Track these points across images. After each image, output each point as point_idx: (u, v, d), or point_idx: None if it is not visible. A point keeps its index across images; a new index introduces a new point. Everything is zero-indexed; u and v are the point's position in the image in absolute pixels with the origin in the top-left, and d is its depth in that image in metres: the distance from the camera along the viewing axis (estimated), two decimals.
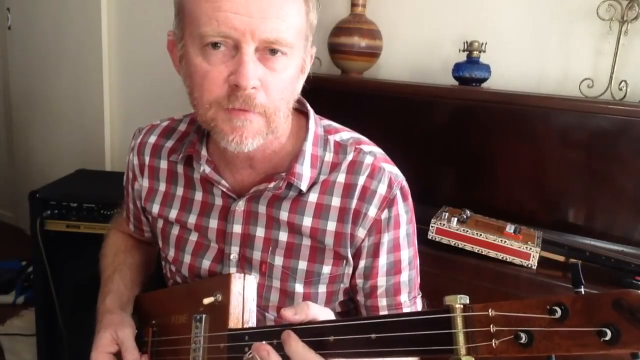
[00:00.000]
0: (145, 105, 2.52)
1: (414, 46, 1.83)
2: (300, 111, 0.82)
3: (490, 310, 0.44)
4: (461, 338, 0.45)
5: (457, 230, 1.33)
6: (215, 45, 0.64)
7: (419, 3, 1.80)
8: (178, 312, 0.79)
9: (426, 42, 1.80)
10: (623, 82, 1.45)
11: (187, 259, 0.83)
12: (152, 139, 0.87)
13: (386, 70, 1.87)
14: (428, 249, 1.10)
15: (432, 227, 1.35)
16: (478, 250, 1.31)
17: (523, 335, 0.41)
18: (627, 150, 1.33)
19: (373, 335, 0.51)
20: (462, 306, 0.45)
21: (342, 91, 1.67)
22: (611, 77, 1.46)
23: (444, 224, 1.34)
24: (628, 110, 1.32)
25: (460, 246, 1.33)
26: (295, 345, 0.57)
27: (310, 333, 0.57)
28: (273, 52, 0.65)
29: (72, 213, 1.73)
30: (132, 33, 2.49)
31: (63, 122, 2.79)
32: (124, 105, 2.60)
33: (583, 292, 0.43)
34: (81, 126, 2.70)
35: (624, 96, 1.45)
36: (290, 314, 0.59)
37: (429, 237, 1.34)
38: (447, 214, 1.38)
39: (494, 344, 0.43)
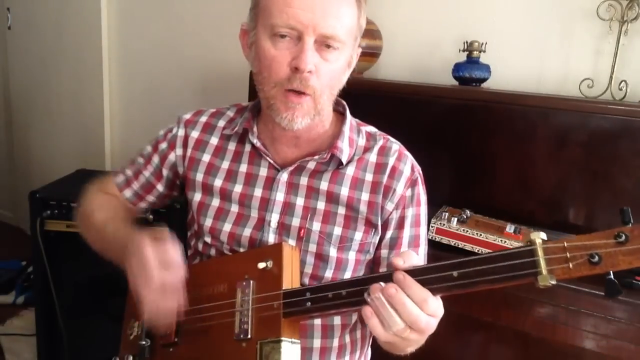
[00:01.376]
0: (145, 105, 2.52)
1: (414, 46, 1.83)
2: (338, 111, 0.95)
3: (565, 243, 0.56)
4: (543, 263, 0.57)
5: (457, 230, 1.33)
6: (282, 35, 0.77)
7: (419, 3, 1.80)
8: (215, 283, 0.83)
9: (426, 42, 1.80)
10: (623, 82, 1.45)
11: (228, 227, 0.90)
12: (204, 119, 0.98)
13: (386, 70, 1.87)
14: (428, 249, 1.10)
15: (432, 227, 1.35)
16: (478, 250, 1.31)
17: (596, 256, 0.54)
18: (627, 150, 1.32)
19: (455, 273, 0.61)
20: (541, 240, 0.58)
21: (342, 91, 1.67)
22: (611, 77, 1.46)
23: (444, 224, 1.35)
24: (628, 110, 1.32)
25: (460, 246, 1.33)
26: (411, 282, 0.63)
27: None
28: (327, 46, 0.79)
29: (72, 213, 1.72)
30: (132, 33, 2.49)
31: (63, 122, 2.79)
32: (124, 105, 2.60)
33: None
34: (81, 126, 2.70)
35: (624, 96, 1.45)
36: (400, 262, 0.65)
37: (429, 237, 1.33)
38: (447, 214, 1.38)
39: (570, 266, 0.56)
